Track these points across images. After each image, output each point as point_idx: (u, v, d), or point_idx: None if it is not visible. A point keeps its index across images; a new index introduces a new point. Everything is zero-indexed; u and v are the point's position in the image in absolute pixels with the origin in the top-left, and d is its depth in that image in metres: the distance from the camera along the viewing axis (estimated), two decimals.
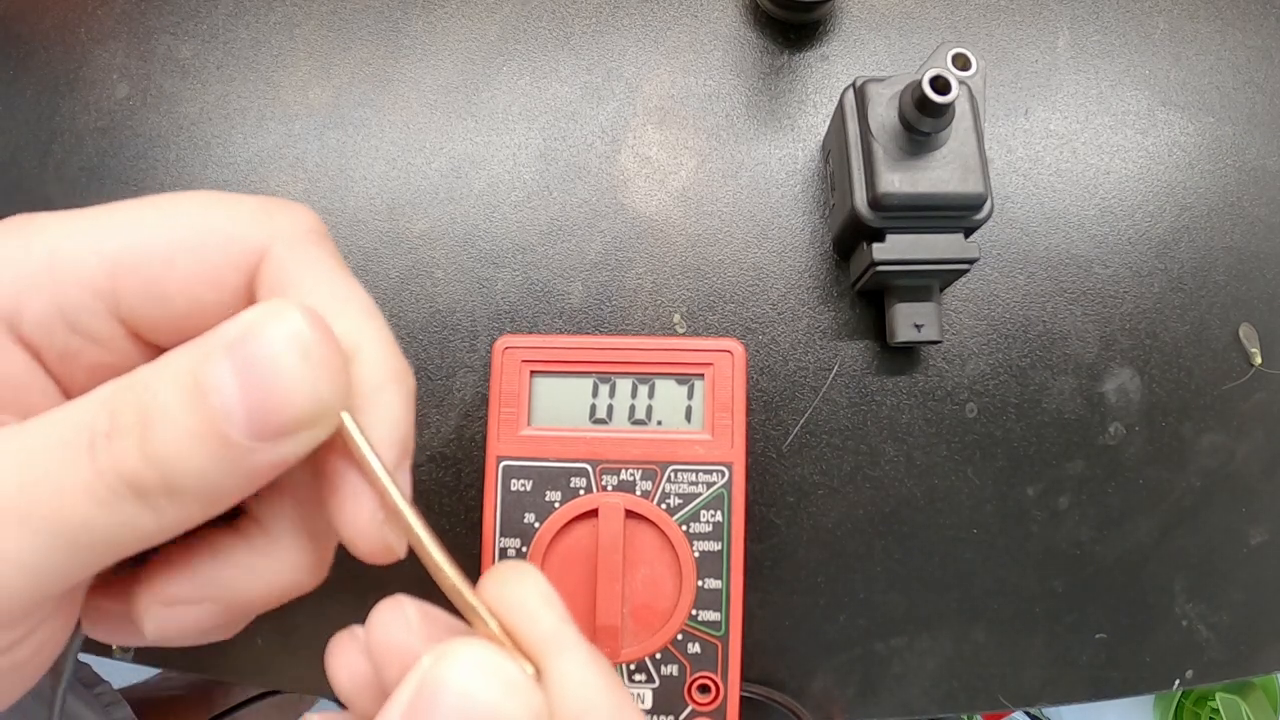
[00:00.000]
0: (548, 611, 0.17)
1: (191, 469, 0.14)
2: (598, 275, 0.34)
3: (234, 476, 0.14)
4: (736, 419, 0.30)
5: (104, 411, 0.14)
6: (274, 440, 0.14)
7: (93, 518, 0.14)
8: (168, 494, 0.14)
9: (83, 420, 0.14)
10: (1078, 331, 0.34)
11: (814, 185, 0.35)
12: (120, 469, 0.13)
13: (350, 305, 0.17)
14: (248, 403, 0.13)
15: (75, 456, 0.14)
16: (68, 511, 0.13)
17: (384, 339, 0.17)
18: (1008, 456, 0.34)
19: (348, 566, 0.35)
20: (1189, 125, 0.36)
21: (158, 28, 0.37)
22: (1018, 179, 0.35)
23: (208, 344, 0.14)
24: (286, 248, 0.16)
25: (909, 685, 0.33)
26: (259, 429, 0.14)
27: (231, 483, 0.14)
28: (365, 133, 0.36)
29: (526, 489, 0.30)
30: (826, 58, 0.36)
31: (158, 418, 0.13)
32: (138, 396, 0.14)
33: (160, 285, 0.16)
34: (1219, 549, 0.34)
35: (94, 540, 0.14)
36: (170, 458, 0.13)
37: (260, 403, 0.13)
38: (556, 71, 0.36)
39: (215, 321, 0.15)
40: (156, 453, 0.13)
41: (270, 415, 0.14)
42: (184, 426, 0.13)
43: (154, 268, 0.16)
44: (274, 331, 0.14)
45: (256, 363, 0.13)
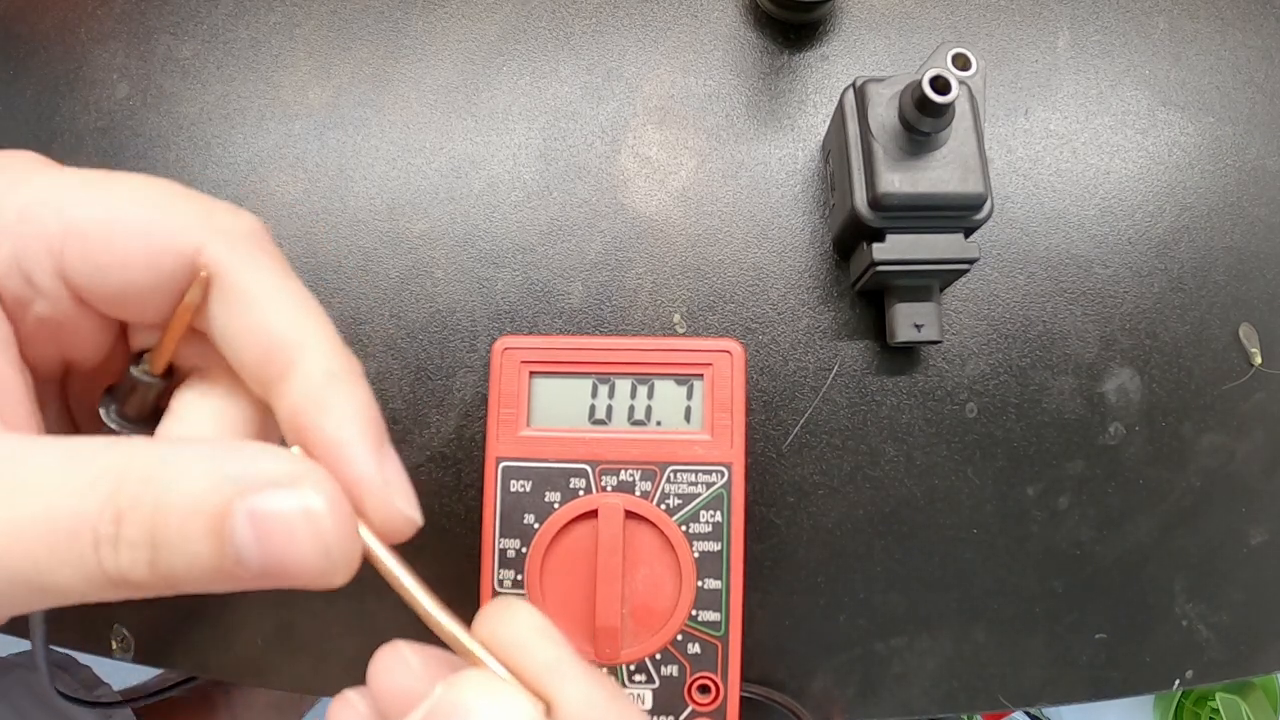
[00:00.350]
0: (545, 643, 0.17)
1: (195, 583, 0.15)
2: (598, 275, 0.34)
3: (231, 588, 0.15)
4: (736, 419, 0.30)
5: (109, 511, 0.14)
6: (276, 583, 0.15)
7: (77, 592, 0.14)
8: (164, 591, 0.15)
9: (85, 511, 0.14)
10: (1078, 331, 0.34)
11: (814, 185, 0.35)
12: (126, 575, 0.14)
13: (290, 300, 0.17)
14: (264, 560, 0.15)
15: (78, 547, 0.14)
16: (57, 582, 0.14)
17: (328, 331, 0.17)
18: (1008, 456, 0.34)
19: None
20: (1189, 125, 0.36)
21: (158, 28, 0.37)
22: (1018, 179, 0.35)
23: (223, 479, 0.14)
24: (226, 245, 0.17)
25: (909, 685, 0.33)
26: (269, 579, 0.15)
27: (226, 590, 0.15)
28: (365, 133, 0.36)
29: (526, 490, 0.30)
30: (826, 58, 0.36)
31: (172, 545, 0.14)
32: (150, 511, 0.14)
33: (98, 259, 0.16)
34: (1219, 549, 0.34)
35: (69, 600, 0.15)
36: (179, 576, 0.15)
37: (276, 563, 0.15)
38: (556, 71, 0.36)
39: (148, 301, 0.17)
40: (165, 573, 0.14)
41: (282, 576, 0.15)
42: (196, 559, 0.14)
43: (96, 242, 0.16)
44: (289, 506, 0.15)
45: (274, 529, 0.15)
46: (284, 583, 0.15)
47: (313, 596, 0.33)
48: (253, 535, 0.14)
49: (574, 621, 0.30)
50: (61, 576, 0.14)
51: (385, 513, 0.17)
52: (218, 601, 0.34)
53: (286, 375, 0.17)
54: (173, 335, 0.17)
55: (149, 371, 0.18)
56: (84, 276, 0.17)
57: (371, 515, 0.17)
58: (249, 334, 0.17)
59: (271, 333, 0.17)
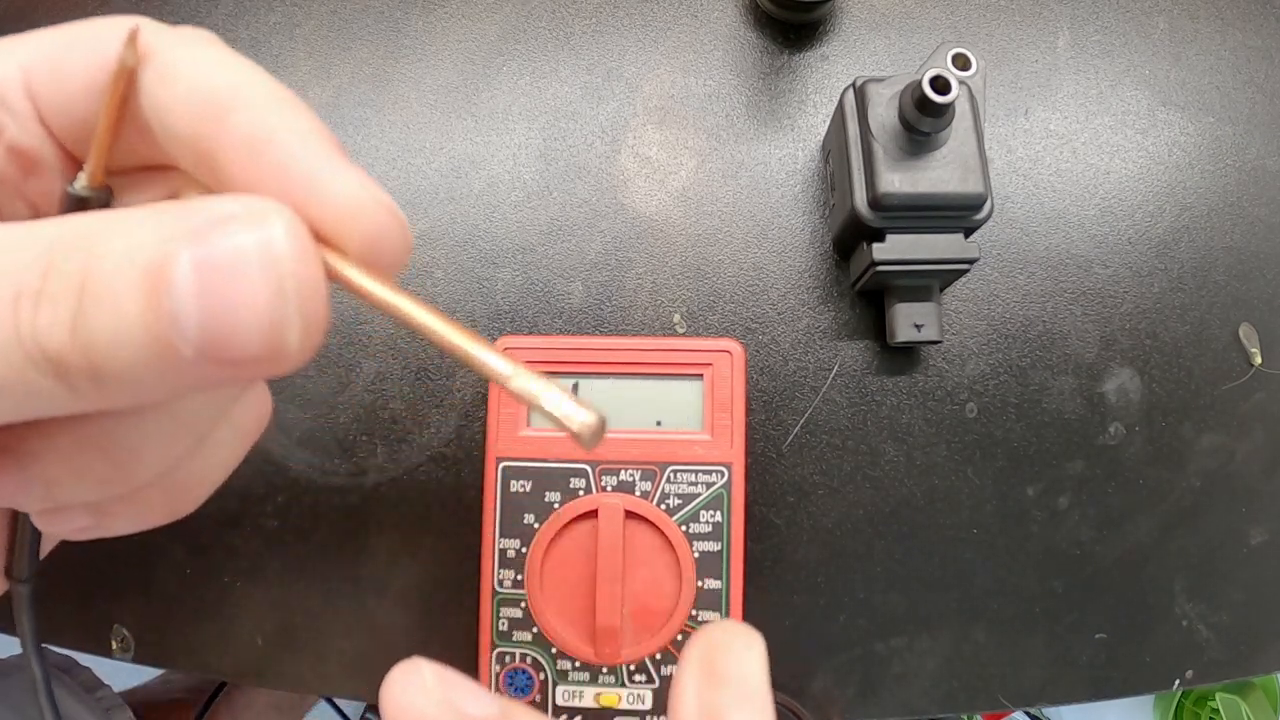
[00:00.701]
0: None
1: (123, 364, 0.12)
2: (598, 275, 0.34)
3: (168, 384, 0.12)
4: (736, 419, 0.30)
5: (39, 265, 0.12)
6: (221, 365, 0.12)
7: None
8: (91, 380, 0.12)
9: (14, 267, 0.12)
10: (1078, 331, 0.34)
11: (814, 185, 0.35)
12: (42, 339, 0.12)
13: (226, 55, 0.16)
14: (204, 318, 0.12)
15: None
16: None
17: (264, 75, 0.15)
18: (1008, 456, 0.34)
19: (348, 569, 0.35)
20: (1189, 125, 0.36)
21: None
22: (1018, 179, 0.35)
23: (169, 224, 0.12)
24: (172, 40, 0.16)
25: (909, 685, 0.33)
26: (210, 351, 0.12)
27: (164, 389, 0.13)
28: (365, 133, 0.36)
29: (526, 490, 0.30)
30: (826, 58, 0.36)
31: (99, 297, 0.12)
32: (81, 261, 0.12)
33: (61, 65, 0.16)
34: (1219, 549, 0.34)
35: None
36: (102, 346, 0.12)
37: (218, 325, 0.12)
38: (556, 71, 0.36)
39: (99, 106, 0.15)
40: (88, 338, 0.12)
41: (227, 344, 0.12)
42: (127, 317, 0.12)
43: (58, 51, 0.16)
44: (245, 241, 0.12)
45: (221, 276, 0.12)
46: (232, 364, 0.12)
47: (313, 598, 0.33)
48: (194, 285, 0.12)
49: (574, 621, 0.30)
50: None
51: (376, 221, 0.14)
52: (218, 601, 0.34)
53: (225, 123, 0.14)
54: (107, 123, 0.15)
55: (89, 186, 0.16)
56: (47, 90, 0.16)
57: (359, 230, 0.14)
58: (184, 97, 0.15)
59: (207, 85, 0.15)
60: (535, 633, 0.30)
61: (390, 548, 0.33)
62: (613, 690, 0.30)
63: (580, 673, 0.30)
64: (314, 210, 0.14)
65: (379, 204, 0.14)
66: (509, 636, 0.30)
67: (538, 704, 0.30)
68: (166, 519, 0.18)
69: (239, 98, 0.14)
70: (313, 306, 0.12)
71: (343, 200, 0.14)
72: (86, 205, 0.16)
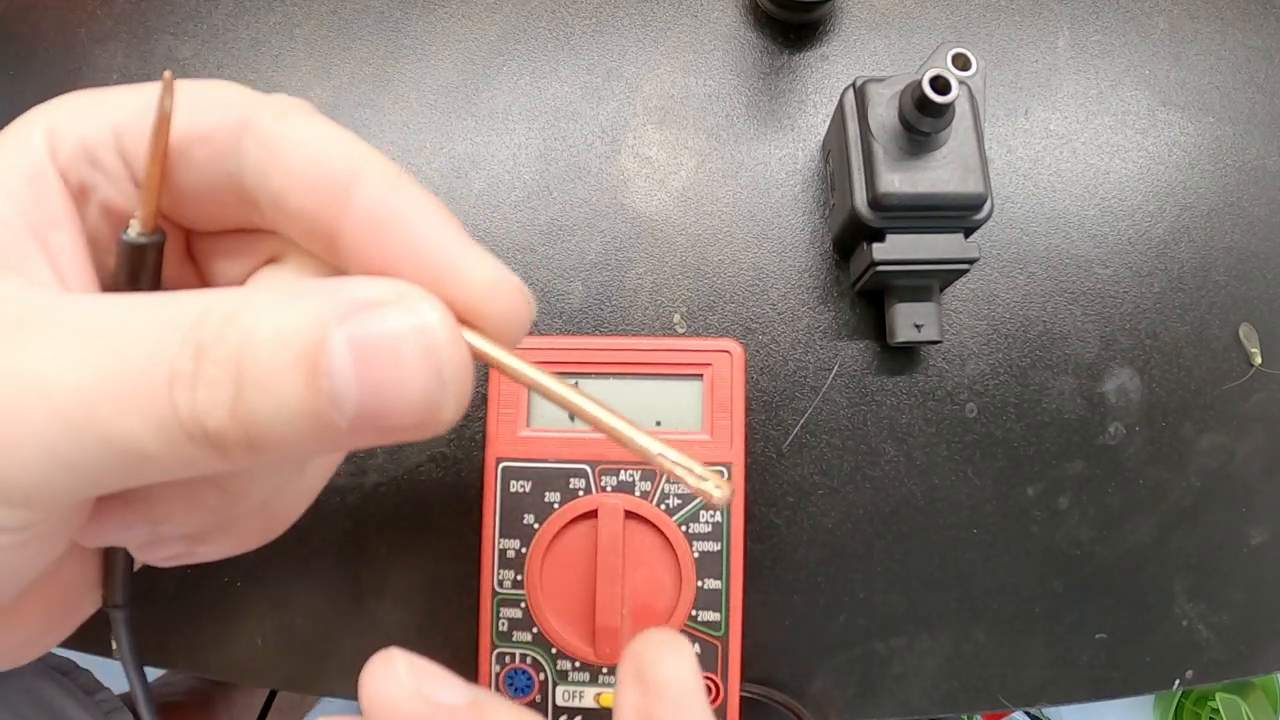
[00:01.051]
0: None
1: (281, 437, 0.13)
2: (598, 275, 0.34)
3: (323, 449, 0.13)
4: (735, 419, 0.30)
5: (189, 348, 0.13)
6: (375, 434, 0.13)
7: (153, 450, 0.13)
8: (247, 450, 0.13)
9: (162, 349, 0.13)
10: (1078, 331, 0.34)
11: (814, 185, 0.35)
12: (202, 420, 0.12)
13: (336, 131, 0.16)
14: (363, 396, 0.13)
15: (150, 388, 0.12)
16: (127, 437, 0.12)
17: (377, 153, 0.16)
18: (1008, 456, 0.34)
19: (347, 568, 0.35)
20: (1189, 125, 0.36)
21: (158, 28, 0.37)
22: (1018, 179, 0.35)
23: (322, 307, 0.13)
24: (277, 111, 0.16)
25: (909, 685, 0.33)
26: (366, 423, 0.13)
27: (314, 452, 0.13)
28: (365, 133, 0.36)
29: (526, 490, 0.30)
30: (826, 58, 0.36)
31: (257, 380, 0.12)
32: (235, 346, 0.13)
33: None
34: (1219, 549, 0.34)
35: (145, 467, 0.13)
36: (262, 423, 0.13)
37: (376, 403, 0.13)
38: (556, 71, 0.36)
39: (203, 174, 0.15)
40: (248, 416, 0.13)
41: (382, 416, 0.13)
42: (287, 398, 0.12)
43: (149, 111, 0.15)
44: (400, 326, 0.13)
45: (379, 358, 0.13)
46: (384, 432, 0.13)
47: (312, 598, 0.33)
48: (351, 364, 0.12)
49: (574, 621, 0.30)
50: (130, 425, 0.12)
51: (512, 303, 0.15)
52: (218, 601, 0.34)
53: (347, 200, 0.15)
54: (152, 170, 0.15)
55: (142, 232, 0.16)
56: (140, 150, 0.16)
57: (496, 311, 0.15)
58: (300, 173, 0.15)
59: (325, 162, 0.15)
60: (535, 633, 0.30)
61: (390, 548, 0.33)
62: (613, 690, 0.30)
63: (580, 673, 0.30)
64: (451, 290, 0.14)
65: (513, 286, 0.15)
66: (509, 637, 0.30)
67: (538, 704, 0.30)
68: (258, 544, 0.18)
69: (359, 176, 0.15)
70: (464, 383, 0.14)
71: (481, 283, 0.15)
72: (142, 251, 0.16)
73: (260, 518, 0.18)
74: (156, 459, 0.13)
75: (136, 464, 0.13)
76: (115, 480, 0.13)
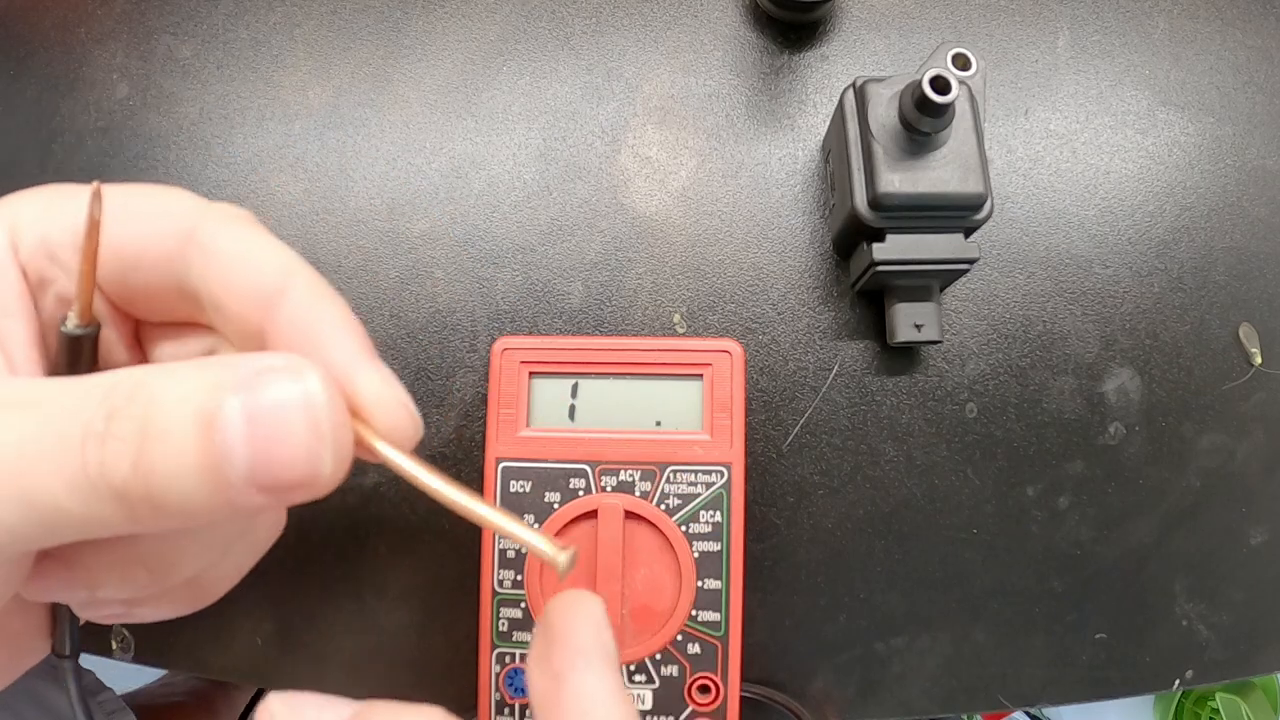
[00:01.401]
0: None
1: (181, 493, 0.14)
2: (598, 275, 0.34)
3: (221, 509, 0.15)
4: (736, 419, 0.30)
5: (102, 410, 0.14)
6: (268, 493, 0.14)
7: (68, 506, 0.14)
8: (150, 506, 0.14)
9: (79, 413, 0.14)
10: (1078, 331, 0.34)
11: (814, 185, 0.35)
12: (109, 474, 0.14)
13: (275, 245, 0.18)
14: (253, 454, 0.14)
15: (66, 448, 0.14)
16: (45, 494, 0.14)
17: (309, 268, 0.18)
18: (1008, 456, 0.34)
19: (347, 569, 0.35)
20: (1189, 125, 0.36)
21: (158, 28, 0.37)
22: (1018, 179, 0.35)
23: (222, 374, 0.14)
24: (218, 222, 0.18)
25: (909, 685, 0.33)
26: (257, 480, 0.14)
27: (216, 512, 0.15)
28: (365, 133, 0.36)
29: (526, 490, 0.30)
30: (826, 58, 0.36)
31: (159, 437, 0.14)
32: (141, 407, 0.14)
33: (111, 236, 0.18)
34: (1219, 549, 0.34)
35: (62, 523, 0.14)
36: (162, 478, 0.14)
37: (264, 459, 0.14)
38: (556, 71, 0.36)
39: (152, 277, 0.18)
40: (150, 470, 0.14)
41: (271, 473, 0.14)
42: (184, 454, 0.14)
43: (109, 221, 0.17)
44: (288, 391, 0.14)
45: (267, 418, 0.14)
46: (274, 490, 0.14)
47: (312, 598, 0.33)
48: (243, 428, 0.14)
49: None
50: (49, 483, 0.14)
51: (394, 415, 0.17)
52: (217, 601, 0.34)
53: (275, 308, 0.17)
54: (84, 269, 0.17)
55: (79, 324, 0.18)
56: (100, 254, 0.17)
57: (380, 418, 0.17)
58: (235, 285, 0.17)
59: (258, 276, 0.17)
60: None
61: (390, 548, 0.33)
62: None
63: None
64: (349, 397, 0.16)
65: (398, 402, 0.17)
66: (509, 637, 0.30)
67: None
68: (188, 611, 0.20)
69: (286, 290, 0.17)
70: (342, 442, 0.15)
71: (371, 395, 0.17)
72: (78, 341, 0.18)
73: (188, 591, 0.20)
74: (71, 515, 0.14)
75: (56, 521, 0.14)
76: (39, 537, 0.15)
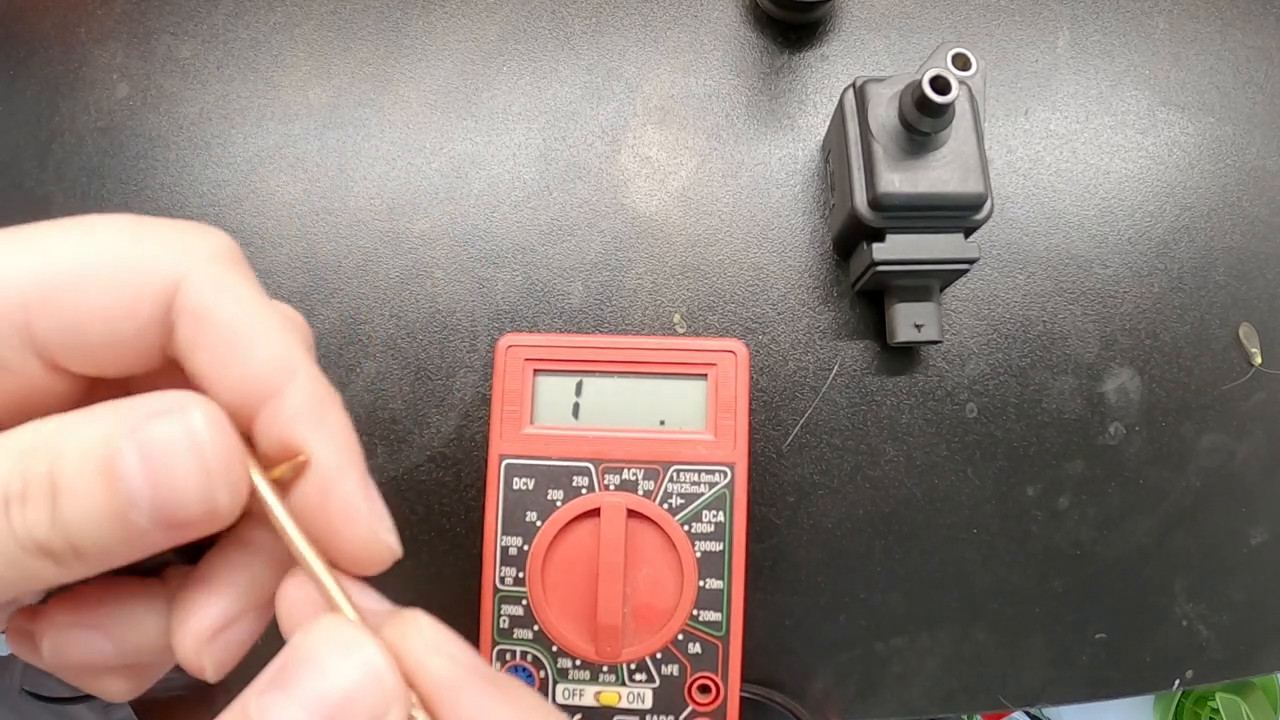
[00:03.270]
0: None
1: (96, 540, 0.14)
2: (598, 275, 0.34)
3: (134, 549, 0.15)
4: (739, 419, 0.30)
5: (17, 474, 0.14)
6: (174, 530, 0.15)
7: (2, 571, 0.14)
8: (73, 556, 0.15)
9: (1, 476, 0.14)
10: (1078, 331, 0.34)
11: (814, 185, 0.35)
12: (31, 533, 0.14)
13: (274, 330, 0.17)
14: (152, 494, 0.14)
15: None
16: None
17: (308, 361, 0.17)
18: (1008, 456, 0.34)
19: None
20: (1189, 125, 0.36)
21: (158, 28, 0.37)
22: (1018, 179, 0.35)
23: (116, 422, 0.14)
24: (202, 275, 0.16)
25: (909, 685, 0.33)
26: (161, 519, 0.14)
27: (132, 553, 0.15)
28: (365, 133, 0.36)
29: (529, 487, 0.30)
30: (826, 58, 0.36)
31: (67, 492, 0.14)
32: (49, 466, 0.14)
33: (72, 315, 0.15)
34: (1219, 549, 0.34)
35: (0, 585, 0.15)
36: (76, 529, 0.14)
37: (162, 498, 0.14)
38: (556, 71, 0.36)
39: (133, 350, 0.16)
40: (65, 524, 0.14)
41: (171, 511, 0.14)
42: (90, 504, 0.14)
43: (65, 298, 0.15)
44: (173, 429, 0.14)
45: (158, 457, 0.14)
46: (176, 529, 0.15)
47: None
48: (141, 470, 0.14)
49: (575, 620, 0.30)
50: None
51: (369, 539, 0.18)
52: None
53: (271, 403, 0.16)
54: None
55: None
56: (59, 341, 0.15)
57: (356, 538, 0.17)
58: (233, 368, 0.16)
59: (257, 363, 0.16)
60: (536, 630, 0.30)
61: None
62: (613, 689, 0.30)
63: (581, 671, 0.30)
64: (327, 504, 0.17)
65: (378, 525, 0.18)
66: (510, 634, 0.30)
67: None
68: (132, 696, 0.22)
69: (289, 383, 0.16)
70: (234, 474, 0.15)
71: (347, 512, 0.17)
72: None
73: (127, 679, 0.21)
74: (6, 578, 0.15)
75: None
76: None
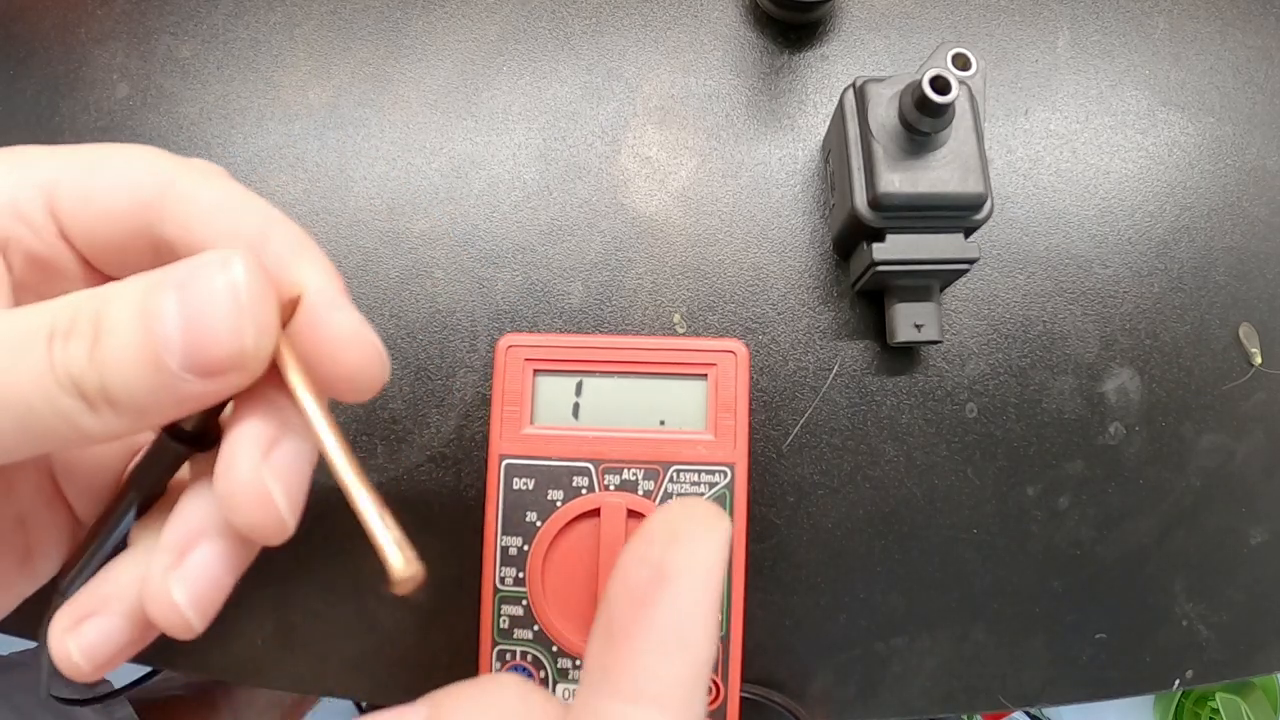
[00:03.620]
0: None
1: (128, 382, 0.15)
2: (598, 275, 0.34)
3: (164, 399, 0.16)
4: (739, 420, 0.30)
5: (67, 313, 0.16)
6: (204, 376, 0.16)
7: (36, 404, 0.15)
8: (105, 401, 0.16)
9: (50, 317, 0.16)
10: (1078, 331, 0.34)
11: (814, 185, 0.35)
12: (69, 367, 0.15)
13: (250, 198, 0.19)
14: (185, 337, 0.15)
15: (35, 346, 0.15)
16: (14, 391, 0.15)
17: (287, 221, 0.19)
18: (1008, 456, 0.34)
19: (347, 568, 0.35)
20: (1189, 125, 0.36)
21: (158, 28, 0.37)
22: (1018, 179, 0.35)
23: (162, 276, 0.16)
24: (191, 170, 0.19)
25: (909, 685, 0.33)
26: (192, 363, 0.15)
27: (162, 404, 0.16)
28: (365, 133, 0.36)
29: (529, 487, 0.30)
30: (826, 58, 0.36)
31: (108, 333, 0.15)
32: (97, 307, 0.16)
33: (85, 187, 0.18)
34: (1219, 549, 0.34)
35: (33, 424, 0.16)
36: (112, 368, 0.15)
37: (195, 340, 0.15)
38: (556, 71, 0.36)
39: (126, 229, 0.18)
40: (102, 361, 0.15)
41: (203, 353, 0.15)
42: (128, 343, 0.15)
43: (83, 175, 0.18)
44: (216, 278, 0.15)
45: (197, 303, 0.15)
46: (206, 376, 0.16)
47: (311, 597, 0.33)
48: (177, 317, 0.15)
49: (575, 619, 0.30)
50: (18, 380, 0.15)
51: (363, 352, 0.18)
52: None
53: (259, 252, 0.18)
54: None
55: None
56: (71, 209, 0.18)
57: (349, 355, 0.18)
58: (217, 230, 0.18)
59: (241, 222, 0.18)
60: (536, 630, 0.30)
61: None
62: None
63: (581, 670, 0.30)
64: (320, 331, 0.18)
65: (368, 341, 0.18)
66: (510, 634, 0.30)
67: None
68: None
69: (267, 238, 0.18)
70: (264, 318, 0.16)
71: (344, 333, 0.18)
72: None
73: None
74: (42, 416, 0.15)
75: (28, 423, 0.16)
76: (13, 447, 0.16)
